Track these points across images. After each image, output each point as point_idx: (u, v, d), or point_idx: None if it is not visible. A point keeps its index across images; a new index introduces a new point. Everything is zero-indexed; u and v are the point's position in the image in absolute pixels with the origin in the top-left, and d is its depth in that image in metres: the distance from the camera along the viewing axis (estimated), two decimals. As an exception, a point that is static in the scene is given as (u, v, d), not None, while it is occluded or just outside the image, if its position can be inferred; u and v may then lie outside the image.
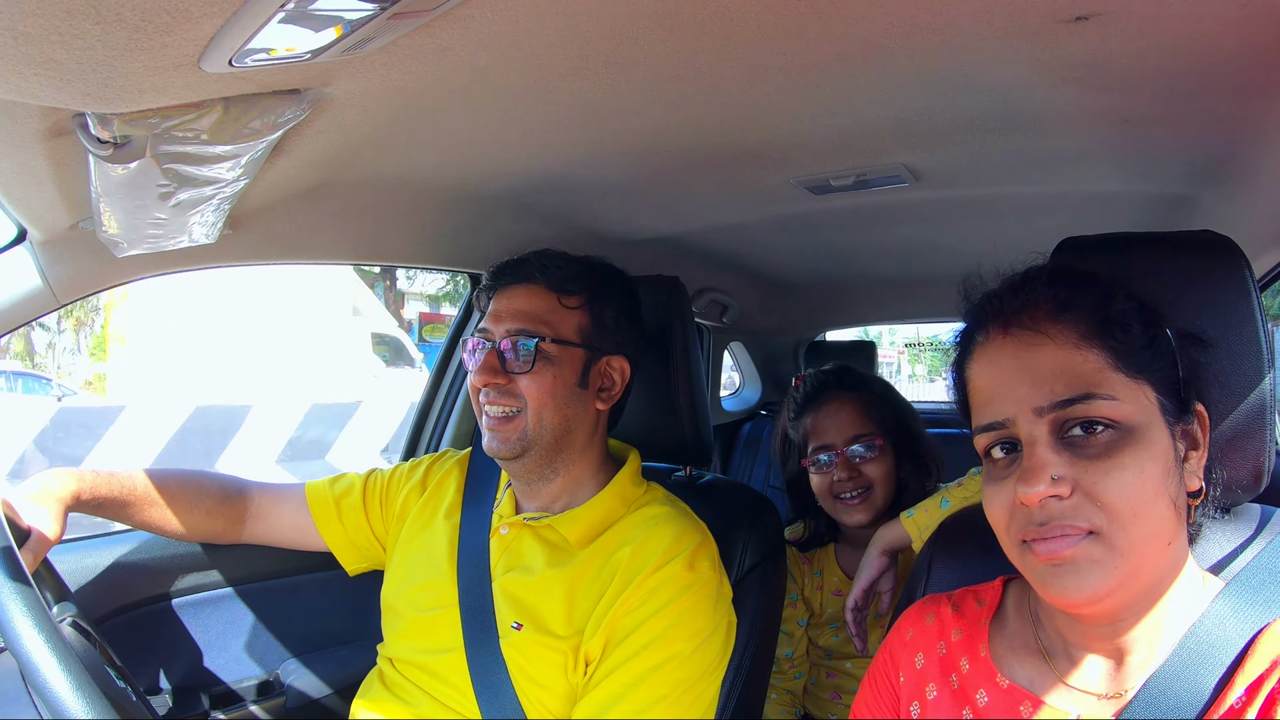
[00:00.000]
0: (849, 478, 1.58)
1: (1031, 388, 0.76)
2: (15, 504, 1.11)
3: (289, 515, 1.44)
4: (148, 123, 0.81)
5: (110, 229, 1.12)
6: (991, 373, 0.81)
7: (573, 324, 1.28)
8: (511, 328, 1.25)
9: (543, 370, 1.23)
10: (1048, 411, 0.75)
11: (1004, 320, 0.81)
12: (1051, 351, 0.77)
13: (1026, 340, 0.78)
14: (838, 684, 1.70)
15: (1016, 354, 0.78)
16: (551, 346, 1.24)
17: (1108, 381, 0.75)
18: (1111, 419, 0.74)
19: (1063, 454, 0.74)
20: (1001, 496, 0.78)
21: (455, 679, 1.21)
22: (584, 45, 0.94)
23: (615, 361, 1.32)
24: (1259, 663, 0.72)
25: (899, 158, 1.53)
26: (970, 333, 0.85)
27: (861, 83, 1.15)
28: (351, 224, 1.52)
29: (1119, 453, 0.73)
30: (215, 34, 0.64)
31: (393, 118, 1.07)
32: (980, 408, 0.82)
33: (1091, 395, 0.74)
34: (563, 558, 1.25)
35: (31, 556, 1.08)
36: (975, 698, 0.85)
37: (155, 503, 1.31)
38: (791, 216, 1.95)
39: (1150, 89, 1.18)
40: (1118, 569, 0.73)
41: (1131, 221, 1.97)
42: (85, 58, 0.65)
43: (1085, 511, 0.73)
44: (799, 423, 1.69)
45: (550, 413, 1.24)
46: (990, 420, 0.79)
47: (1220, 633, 0.76)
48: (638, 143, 1.37)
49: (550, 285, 1.28)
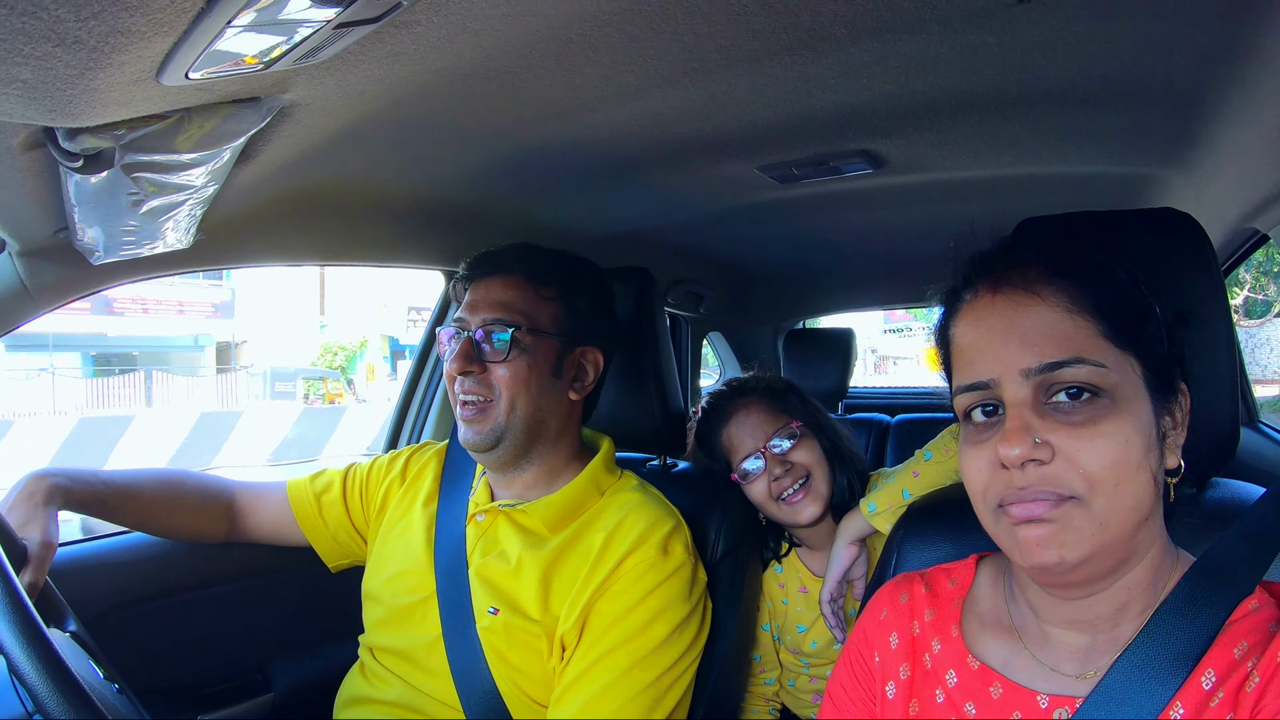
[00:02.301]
0: (784, 472, 1.53)
1: (1019, 348, 0.74)
2: (5, 515, 1.10)
3: (271, 512, 1.46)
4: (114, 134, 0.84)
5: (86, 237, 1.14)
6: (978, 331, 0.78)
7: (548, 314, 1.29)
8: (488, 317, 1.26)
9: (517, 360, 1.25)
10: (1035, 374, 0.73)
11: (995, 279, 0.78)
12: (1043, 313, 0.75)
13: (1017, 299, 0.76)
14: (819, 688, 1.66)
15: (1005, 313, 0.76)
16: (527, 336, 1.26)
17: (1097, 348, 0.73)
18: (1098, 386, 0.72)
19: (1046, 419, 0.73)
20: (980, 460, 0.77)
21: (434, 665, 1.23)
22: (534, 45, 0.97)
23: (589, 352, 1.34)
24: (1230, 641, 0.72)
25: (860, 144, 1.56)
26: (957, 290, 0.82)
27: (814, 71, 1.17)
28: (322, 226, 1.54)
29: (1103, 421, 0.72)
30: (169, 50, 0.67)
31: (354, 121, 1.10)
32: (963, 367, 0.79)
33: (1081, 360, 0.73)
34: (537, 543, 1.26)
35: (35, 573, 1.07)
36: (945, 678, 0.85)
37: (138, 501, 1.33)
38: (758, 206, 1.97)
39: (1103, 67, 1.20)
40: (1095, 537, 0.72)
41: (1096, 201, 1.97)
42: (49, 77, 0.68)
43: (1066, 478, 0.72)
44: (715, 446, 1.63)
45: (523, 402, 1.26)
46: (973, 380, 0.77)
47: (1192, 610, 0.75)
48: (597, 137, 1.39)
49: (527, 276, 1.29)
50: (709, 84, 1.19)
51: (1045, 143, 1.61)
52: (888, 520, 1.38)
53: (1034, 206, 1.06)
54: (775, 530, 1.65)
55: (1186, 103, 1.32)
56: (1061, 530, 0.72)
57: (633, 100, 1.22)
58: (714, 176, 1.72)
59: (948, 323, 0.83)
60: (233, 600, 1.55)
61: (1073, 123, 1.48)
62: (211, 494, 1.44)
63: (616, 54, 1.02)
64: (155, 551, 1.48)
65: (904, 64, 1.17)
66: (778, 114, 1.36)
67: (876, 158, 1.64)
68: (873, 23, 1.03)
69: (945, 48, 1.12)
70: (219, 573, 1.53)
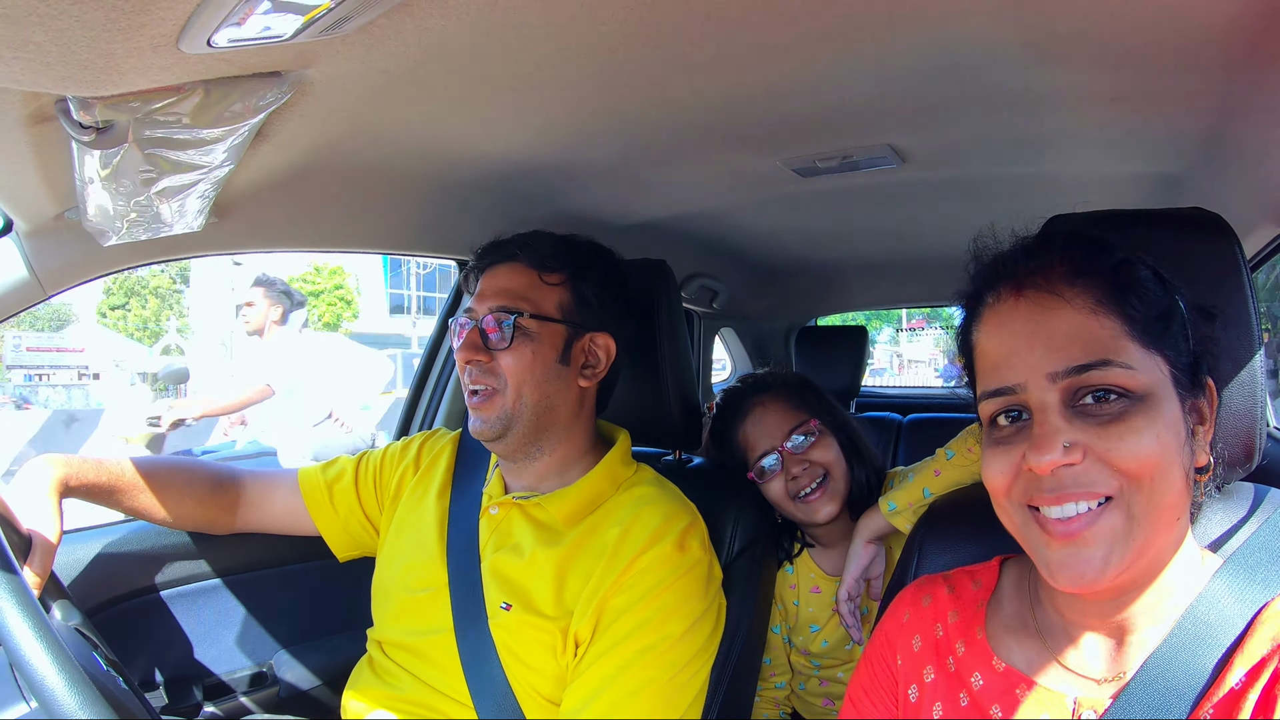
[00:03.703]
0: (803, 471, 1.51)
1: (1046, 352, 0.73)
2: (10, 504, 1.09)
3: (281, 501, 1.44)
4: (129, 106, 0.81)
5: (96, 218, 1.11)
6: (1002, 336, 0.77)
7: (553, 300, 1.28)
8: (493, 305, 1.25)
9: (521, 346, 1.24)
10: (1062, 378, 0.72)
11: (1017, 281, 0.77)
12: (1067, 315, 0.74)
13: (1041, 302, 0.75)
14: (829, 691, 1.66)
15: (1030, 316, 0.75)
16: (531, 322, 1.25)
17: (1124, 349, 0.72)
18: (1126, 387, 0.71)
19: (1074, 422, 0.72)
20: (1003, 462, 0.76)
21: (445, 660, 1.21)
22: (565, 28, 0.94)
23: (600, 338, 1.32)
24: (1259, 643, 0.71)
25: (885, 139, 1.54)
26: (979, 294, 0.81)
27: (845, 61, 1.15)
28: (336, 211, 1.52)
29: (1133, 417, 0.71)
30: (192, 13, 0.64)
31: (375, 101, 1.07)
32: (987, 372, 0.78)
33: (1108, 362, 0.71)
34: (552, 537, 1.25)
35: (41, 565, 1.06)
36: (970, 681, 0.84)
37: (145, 489, 1.31)
38: (779, 199, 1.95)
39: (1136, 66, 1.18)
40: (1135, 540, 0.71)
41: (1122, 201, 1.96)
42: (63, 39, 0.65)
43: (1100, 476, 0.71)
44: (731, 444, 1.62)
45: (530, 389, 1.24)
46: (999, 385, 0.76)
47: (1219, 612, 0.74)
48: (621, 125, 1.37)
49: (531, 263, 1.29)
50: (737, 72, 1.16)
51: (1074, 141, 1.58)
52: (908, 520, 1.36)
53: (1059, 206, 1.05)
54: (789, 529, 1.64)
55: (1215, 102, 1.31)
56: (1102, 545, 0.71)
57: (660, 87, 1.19)
58: (736, 168, 1.69)
59: (969, 327, 0.82)
60: (238, 591, 1.54)
61: (1102, 121, 1.46)
62: (220, 482, 1.42)
63: (648, 41, 1.00)
64: (158, 541, 1.46)
65: (935, 55, 1.15)
66: (805, 105, 1.33)
67: (901, 153, 1.61)
68: (910, 11, 1.00)
69: (980, 39, 1.10)
70: (225, 564, 1.52)
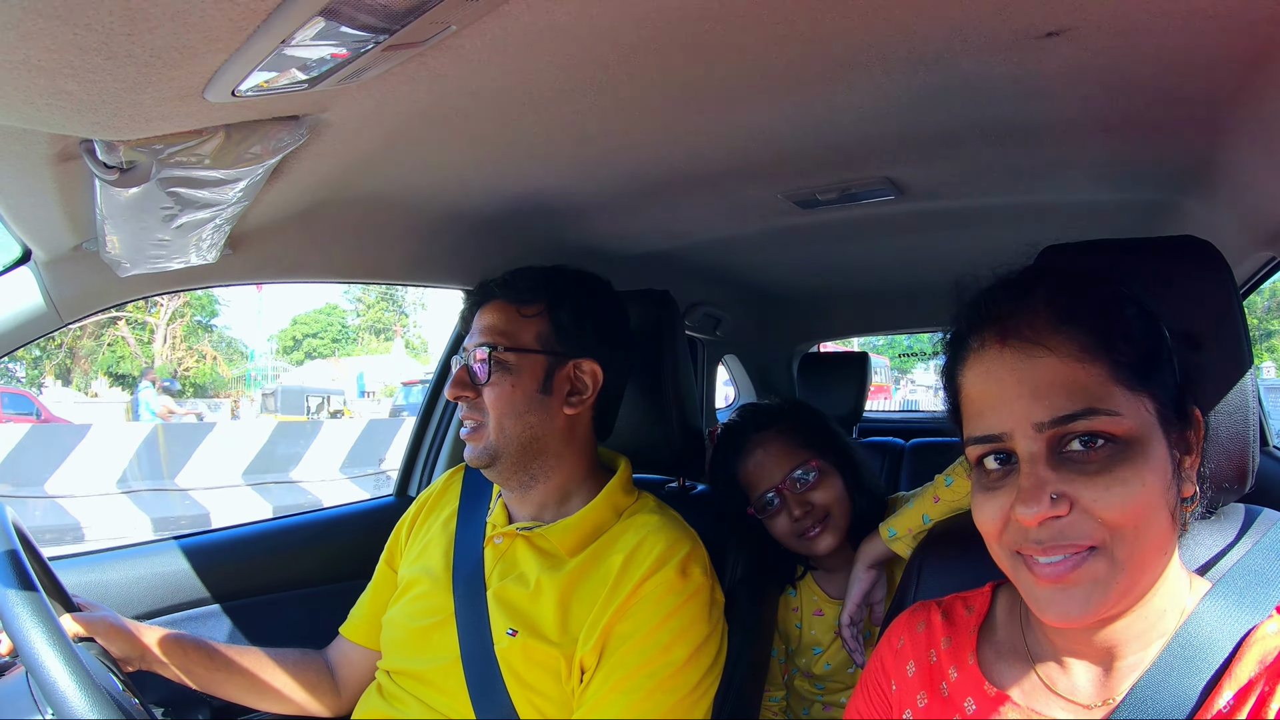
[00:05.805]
0: (804, 513, 1.50)
1: (1030, 402, 0.73)
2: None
3: (360, 662, 1.45)
4: (153, 149, 0.85)
5: (114, 250, 1.15)
6: (987, 383, 0.77)
7: (531, 332, 1.30)
8: (479, 342, 1.29)
9: (500, 380, 1.26)
10: (1047, 427, 0.72)
11: (1001, 329, 0.77)
12: (1052, 364, 0.73)
13: (1025, 351, 0.75)
14: (832, 716, 1.64)
15: (1015, 366, 0.75)
16: (509, 355, 1.27)
17: (1109, 395, 0.72)
18: (1112, 434, 0.72)
19: (1061, 469, 0.72)
20: (992, 508, 0.76)
21: (452, 688, 1.22)
22: (573, 70, 0.98)
23: (585, 364, 1.32)
24: (1247, 666, 0.71)
25: (883, 171, 1.57)
26: (963, 337, 0.81)
27: (842, 101, 1.18)
28: (347, 243, 1.55)
29: (1119, 467, 0.71)
30: (219, 67, 0.68)
31: (388, 140, 1.11)
32: (973, 418, 0.78)
33: (1094, 411, 0.71)
34: (556, 564, 1.26)
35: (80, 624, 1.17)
36: (964, 705, 0.84)
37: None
38: (780, 230, 1.98)
39: (1127, 99, 1.21)
40: (1119, 583, 0.72)
41: (1115, 229, 1.98)
42: (96, 90, 0.69)
43: (1085, 527, 0.71)
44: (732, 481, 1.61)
45: (511, 422, 1.26)
46: (985, 432, 0.76)
47: (1207, 635, 0.75)
48: (627, 161, 1.41)
49: (509, 298, 1.31)
50: (738, 111, 1.19)
51: (1068, 171, 1.61)
52: (908, 545, 1.37)
53: (1054, 234, 1.06)
54: (792, 554, 1.64)
55: (1206, 131, 1.33)
56: (1087, 588, 0.72)
57: (664, 125, 1.23)
58: (738, 201, 1.73)
59: (954, 369, 0.83)
60: (251, 614, 1.55)
61: (1094, 151, 1.49)
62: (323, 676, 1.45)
63: (652, 79, 1.03)
64: (172, 565, 1.48)
65: (930, 94, 1.18)
66: (805, 142, 1.37)
67: (899, 185, 1.64)
68: (904, 52, 1.03)
69: (973, 78, 1.13)
70: (237, 586, 1.53)
